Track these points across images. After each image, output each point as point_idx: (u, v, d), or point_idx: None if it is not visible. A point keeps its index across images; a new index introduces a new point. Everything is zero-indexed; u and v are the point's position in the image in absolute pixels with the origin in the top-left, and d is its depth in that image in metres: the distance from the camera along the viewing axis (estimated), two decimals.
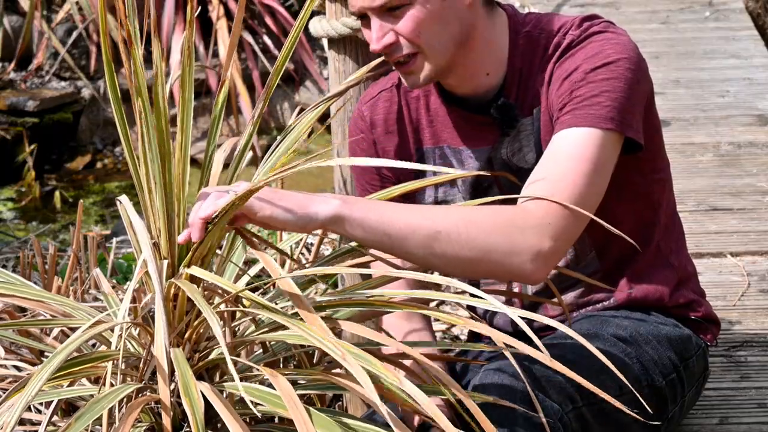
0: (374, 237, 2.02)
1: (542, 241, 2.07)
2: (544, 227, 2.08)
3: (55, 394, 2.01)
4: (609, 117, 2.17)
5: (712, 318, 2.50)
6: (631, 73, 2.21)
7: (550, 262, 2.09)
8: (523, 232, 2.06)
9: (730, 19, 6.59)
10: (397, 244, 2.03)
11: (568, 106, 2.20)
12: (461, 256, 2.04)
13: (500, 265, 2.07)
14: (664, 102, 5.11)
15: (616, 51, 2.22)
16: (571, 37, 2.27)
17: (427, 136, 2.39)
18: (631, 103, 2.21)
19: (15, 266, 4.44)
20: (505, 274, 2.11)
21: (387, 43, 2.21)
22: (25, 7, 6.99)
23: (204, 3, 6.88)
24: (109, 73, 2.00)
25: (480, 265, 2.06)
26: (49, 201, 6.37)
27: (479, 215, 2.07)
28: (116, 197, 2.11)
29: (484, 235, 2.04)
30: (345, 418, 1.90)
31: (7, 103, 6.77)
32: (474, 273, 2.20)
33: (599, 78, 2.20)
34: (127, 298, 1.89)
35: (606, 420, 2.23)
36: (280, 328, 2.02)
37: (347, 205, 1.99)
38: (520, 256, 2.06)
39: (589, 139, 2.17)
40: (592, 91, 2.19)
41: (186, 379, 1.83)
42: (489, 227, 2.05)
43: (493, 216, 2.08)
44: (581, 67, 2.22)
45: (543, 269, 2.09)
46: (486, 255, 2.05)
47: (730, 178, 4.21)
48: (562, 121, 2.20)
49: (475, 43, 2.27)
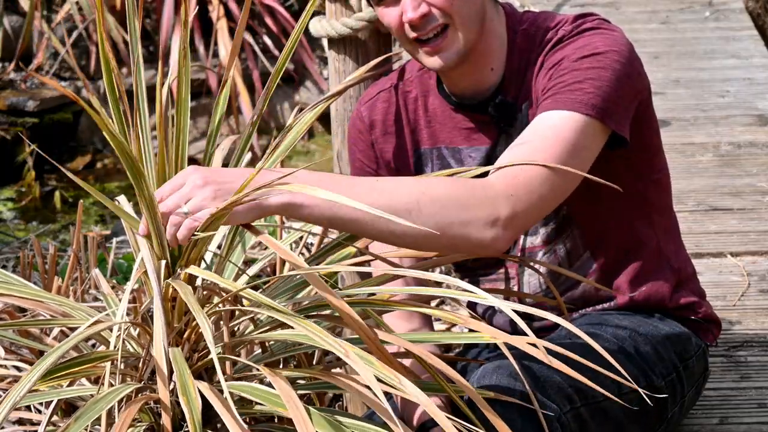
0: (328, 221, 1.98)
1: (498, 209, 2.04)
2: (503, 197, 2.05)
3: (55, 394, 2.01)
4: (590, 103, 2.16)
5: (713, 318, 2.50)
6: (619, 65, 2.21)
7: (509, 230, 2.05)
8: (480, 202, 2.03)
9: (730, 19, 6.60)
10: (352, 226, 2.00)
11: (551, 91, 2.19)
12: (420, 232, 2.00)
13: (459, 237, 2.03)
14: (664, 102, 5.11)
15: (605, 44, 2.22)
16: (563, 32, 2.27)
17: (425, 137, 2.39)
18: (617, 95, 2.19)
19: (15, 266, 4.44)
20: (467, 246, 2.06)
21: (422, 12, 2.21)
22: (25, 7, 6.99)
23: (204, 3, 6.88)
24: (107, 72, 2.00)
25: (439, 239, 2.03)
26: (49, 201, 6.37)
27: (437, 189, 2.03)
28: (116, 197, 2.11)
29: (441, 210, 2.01)
30: (345, 417, 1.90)
31: (7, 103, 6.77)
32: (435, 247, 2.14)
33: (585, 66, 2.19)
34: (126, 298, 1.89)
35: (604, 420, 2.23)
36: (279, 327, 2.02)
37: (295, 195, 1.94)
38: (476, 225, 2.03)
39: (567, 121, 2.15)
40: (576, 77, 2.18)
41: (184, 379, 1.83)
42: (445, 201, 2.01)
43: (451, 188, 2.04)
44: (568, 56, 2.22)
45: (503, 236, 2.05)
46: (444, 229, 2.01)
47: (729, 178, 4.21)
48: (542, 105, 2.19)
49: (486, 29, 2.27)
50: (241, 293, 1.93)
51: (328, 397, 2.96)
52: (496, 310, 2.46)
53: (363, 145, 2.42)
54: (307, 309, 2.01)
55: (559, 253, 2.38)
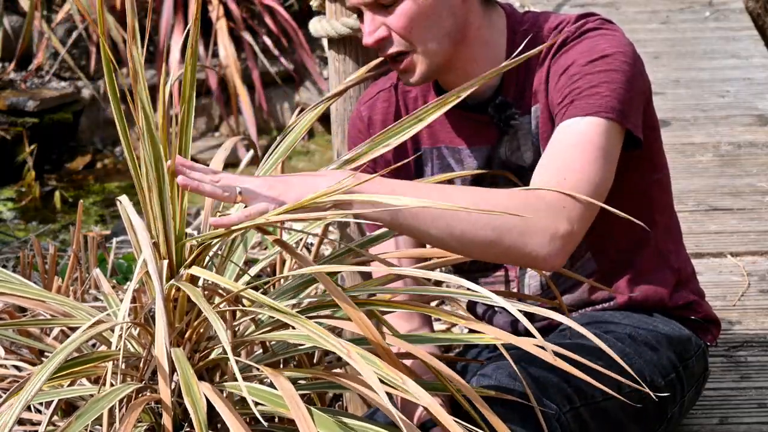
0: (388, 219, 1.98)
1: (557, 223, 2.04)
2: (558, 210, 2.05)
3: (55, 394, 2.01)
4: (610, 106, 2.17)
5: (712, 318, 2.50)
6: (627, 66, 2.21)
7: (567, 246, 2.06)
8: (537, 212, 2.03)
9: (730, 19, 6.60)
10: (410, 224, 1.99)
11: (568, 98, 2.19)
12: (476, 236, 2.00)
13: (515, 246, 2.03)
14: (664, 102, 5.11)
15: (611, 45, 2.22)
16: (567, 33, 2.27)
17: (425, 137, 2.39)
18: (629, 96, 2.20)
19: (15, 266, 4.44)
20: (521, 257, 2.05)
21: (378, 37, 2.21)
22: (25, 7, 6.99)
23: (204, 3, 6.87)
24: (108, 73, 2.00)
25: (495, 246, 2.02)
26: (49, 201, 6.37)
27: (494, 195, 2.04)
28: (116, 197, 2.11)
29: (500, 217, 2.00)
30: (346, 417, 1.90)
31: (7, 103, 6.77)
32: (489, 254, 2.12)
33: (597, 70, 2.20)
34: (127, 298, 1.89)
35: (604, 420, 2.23)
36: (281, 327, 2.02)
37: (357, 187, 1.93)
38: (535, 237, 2.03)
39: (592, 127, 2.15)
40: (591, 82, 2.19)
41: (187, 378, 1.83)
42: (503, 207, 2.00)
43: (508, 196, 2.05)
44: (577, 61, 2.22)
45: (559, 253, 2.05)
46: (501, 235, 2.01)
47: (729, 178, 4.21)
48: (562, 113, 2.19)
49: (471, 40, 2.26)
50: (242, 293, 1.93)
51: (328, 398, 2.96)
52: (495, 310, 2.46)
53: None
54: (307, 310, 2.01)
55: None
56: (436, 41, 2.22)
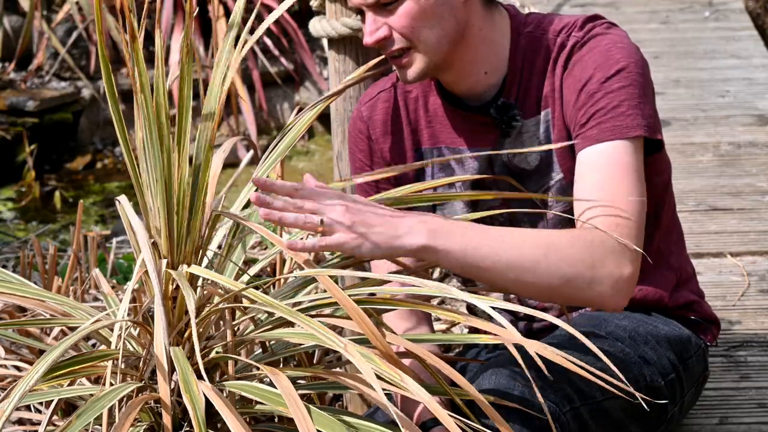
0: (460, 268, 2.06)
1: (621, 267, 2.10)
2: (621, 252, 2.10)
3: (55, 394, 2.01)
4: (634, 125, 2.20)
5: (712, 318, 2.50)
6: (641, 77, 2.24)
7: (631, 287, 2.12)
8: (603, 260, 2.09)
9: (730, 19, 6.60)
10: (481, 274, 2.07)
11: (592, 121, 2.21)
12: (543, 284, 2.07)
13: (582, 293, 2.09)
14: (664, 102, 5.11)
15: (624, 56, 2.23)
16: (575, 39, 2.27)
17: (425, 137, 2.39)
18: (649, 107, 2.23)
19: (15, 266, 4.44)
20: (587, 301, 2.14)
21: (380, 37, 2.22)
22: (25, 7, 6.99)
23: (204, 3, 6.87)
24: (106, 72, 2.00)
25: (561, 292, 2.10)
26: (49, 201, 6.37)
27: (560, 242, 2.08)
28: (116, 197, 2.11)
29: (566, 265, 2.07)
30: (346, 416, 1.90)
31: (7, 103, 6.77)
32: (553, 299, 2.24)
33: (616, 87, 2.21)
34: (127, 298, 1.89)
35: (604, 420, 2.23)
36: (281, 326, 2.02)
37: (433, 235, 2.02)
38: (602, 285, 2.09)
39: (621, 150, 2.18)
40: (612, 101, 2.20)
41: (186, 377, 1.83)
42: (570, 256, 2.07)
43: (574, 243, 2.09)
44: (594, 76, 2.23)
45: (625, 295, 2.12)
46: (567, 283, 2.08)
47: (729, 178, 4.21)
48: (588, 136, 2.20)
49: (471, 40, 2.26)
50: (241, 293, 1.93)
51: (328, 397, 2.96)
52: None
53: (363, 144, 2.42)
54: (307, 310, 2.01)
55: None
56: (437, 41, 2.22)
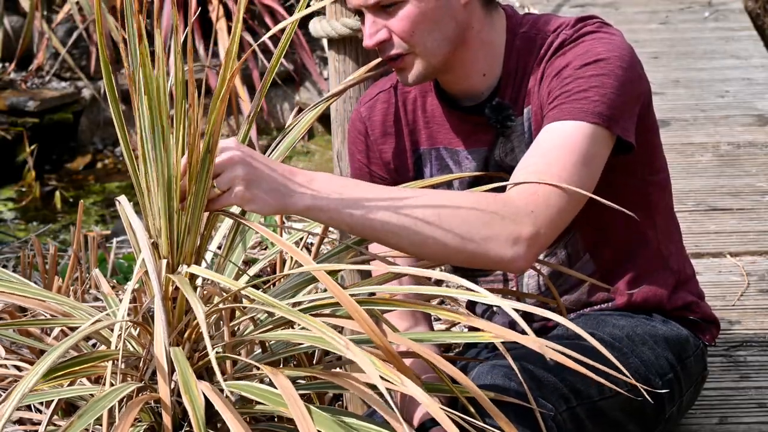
0: (349, 228, 2.03)
1: (521, 227, 2.05)
2: (524, 214, 2.06)
3: (55, 394, 2.01)
4: (597, 112, 2.17)
5: (711, 319, 2.50)
6: (622, 71, 2.21)
7: (532, 249, 2.07)
8: (502, 219, 2.05)
9: (729, 19, 6.60)
10: (376, 234, 2.03)
11: (556, 101, 2.19)
12: (438, 244, 2.03)
13: (479, 252, 2.05)
14: (664, 102, 5.11)
15: (607, 49, 2.22)
16: (564, 36, 2.27)
17: (423, 138, 2.39)
18: (622, 101, 2.20)
19: (15, 266, 4.44)
20: (486, 261, 2.08)
21: (379, 39, 2.22)
22: (25, 7, 6.99)
23: (204, 3, 6.88)
24: (106, 72, 2.00)
25: (458, 253, 2.05)
26: (50, 201, 6.37)
27: (458, 202, 2.05)
28: (116, 197, 2.12)
29: (462, 224, 2.03)
30: (345, 416, 1.90)
31: (7, 103, 6.77)
32: (452, 261, 2.17)
33: (588, 74, 2.20)
34: (127, 298, 1.89)
35: (601, 420, 2.23)
36: (280, 326, 2.02)
37: (318, 196, 1.99)
38: (497, 242, 2.04)
39: (576, 131, 2.16)
40: (581, 86, 2.19)
41: (186, 377, 1.83)
42: (466, 215, 2.03)
43: (473, 203, 2.06)
44: (571, 63, 2.22)
45: (524, 256, 2.06)
46: (463, 243, 2.03)
47: (729, 178, 4.21)
48: (549, 115, 2.19)
49: (470, 43, 2.27)
50: (241, 293, 1.93)
51: (328, 397, 2.96)
52: (494, 311, 2.46)
53: (362, 145, 2.42)
54: (307, 310, 2.01)
55: (559, 256, 2.38)
56: (436, 44, 2.22)
